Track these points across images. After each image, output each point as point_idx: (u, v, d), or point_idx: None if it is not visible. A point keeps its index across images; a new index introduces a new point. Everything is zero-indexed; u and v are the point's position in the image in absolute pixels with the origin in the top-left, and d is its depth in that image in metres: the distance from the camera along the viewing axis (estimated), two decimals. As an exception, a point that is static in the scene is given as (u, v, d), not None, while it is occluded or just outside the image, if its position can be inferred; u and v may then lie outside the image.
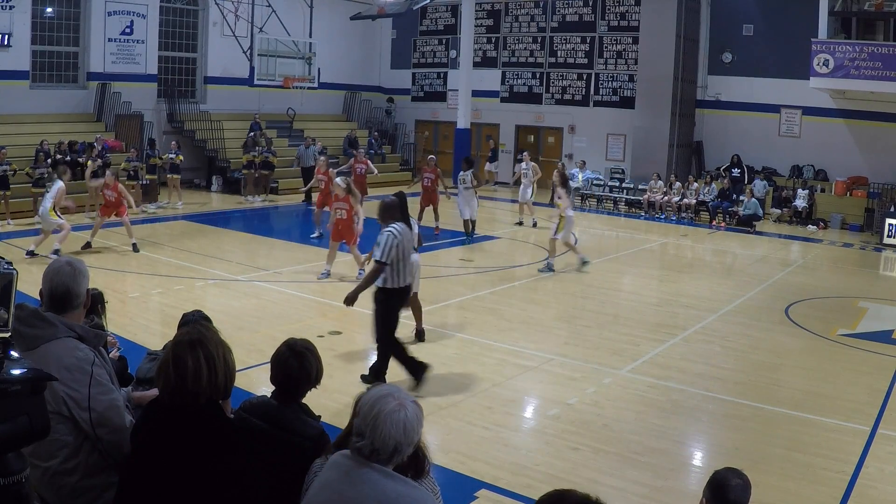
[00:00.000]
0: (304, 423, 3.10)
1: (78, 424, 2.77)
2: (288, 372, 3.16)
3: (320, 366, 3.24)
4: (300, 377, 3.16)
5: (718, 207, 18.71)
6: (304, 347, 3.24)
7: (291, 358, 3.17)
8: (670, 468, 5.77)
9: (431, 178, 14.90)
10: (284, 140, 22.74)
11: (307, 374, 3.16)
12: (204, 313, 4.29)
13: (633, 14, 22.27)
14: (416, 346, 8.15)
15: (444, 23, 26.28)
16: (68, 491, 2.81)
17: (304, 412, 3.17)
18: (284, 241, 14.90)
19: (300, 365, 3.16)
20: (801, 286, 12.30)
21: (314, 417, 3.21)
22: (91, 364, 2.80)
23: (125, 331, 7.93)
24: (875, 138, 18.72)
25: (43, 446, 2.64)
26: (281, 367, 3.18)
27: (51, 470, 2.77)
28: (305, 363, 3.17)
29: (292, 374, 3.15)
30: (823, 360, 8.55)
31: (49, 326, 2.77)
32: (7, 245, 12.46)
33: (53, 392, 2.67)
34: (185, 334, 2.73)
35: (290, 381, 3.16)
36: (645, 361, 8.18)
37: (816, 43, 17.20)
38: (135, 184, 16.49)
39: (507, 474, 5.47)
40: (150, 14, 20.36)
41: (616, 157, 22.78)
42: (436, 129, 26.68)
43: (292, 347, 3.22)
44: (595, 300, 10.98)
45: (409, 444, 2.31)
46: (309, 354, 3.20)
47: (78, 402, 2.75)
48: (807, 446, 6.17)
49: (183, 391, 2.57)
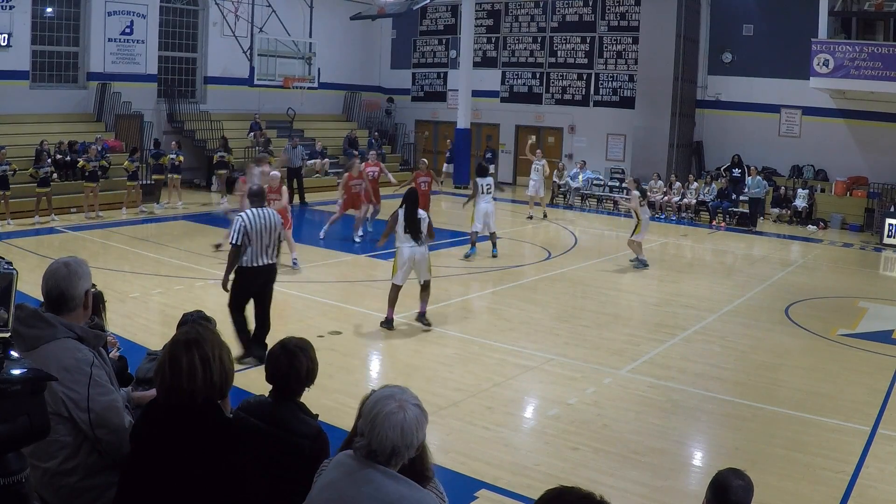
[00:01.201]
0: (300, 422, 3.10)
1: (77, 425, 2.76)
2: (279, 370, 3.16)
3: (312, 365, 3.23)
4: (290, 375, 3.16)
5: (718, 207, 18.71)
6: (297, 346, 3.24)
7: (282, 356, 3.19)
8: (670, 468, 5.77)
9: (427, 182, 14.91)
10: (284, 140, 22.73)
11: (297, 372, 3.16)
12: (204, 313, 4.29)
13: (633, 14, 22.27)
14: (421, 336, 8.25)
15: (444, 23, 26.28)
16: (68, 491, 2.80)
17: (301, 411, 3.17)
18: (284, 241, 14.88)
19: (290, 363, 3.16)
20: (801, 286, 12.30)
21: (312, 416, 3.20)
22: (90, 365, 2.80)
23: (125, 331, 7.93)
24: (875, 138, 18.72)
25: (42, 447, 2.63)
26: (272, 366, 3.20)
27: (50, 470, 2.77)
28: (296, 362, 3.17)
29: (283, 373, 3.16)
30: (823, 360, 8.55)
31: (48, 327, 2.76)
32: (7, 245, 12.45)
33: (52, 393, 2.66)
34: (183, 334, 2.74)
35: (282, 380, 3.17)
36: (645, 361, 8.18)
37: (816, 43, 17.20)
38: (135, 184, 16.49)
39: (507, 474, 5.47)
40: (150, 14, 20.35)
41: (616, 157, 22.79)
42: (436, 129, 26.68)
43: (285, 346, 3.23)
44: (595, 300, 10.98)
45: (407, 447, 2.30)
46: (300, 353, 3.20)
47: (77, 402, 2.74)
48: (807, 446, 6.17)
49: (178, 390, 2.57)
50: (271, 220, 7.45)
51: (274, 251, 7.57)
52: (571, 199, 21.18)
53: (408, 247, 8.69)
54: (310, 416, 3.18)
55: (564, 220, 18.66)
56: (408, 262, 8.71)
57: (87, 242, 13.51)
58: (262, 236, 7.36)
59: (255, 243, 7.32)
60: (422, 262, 8.78)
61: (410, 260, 8.70)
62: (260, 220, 7.36)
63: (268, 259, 7.50)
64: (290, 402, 3.17)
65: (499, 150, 24.81)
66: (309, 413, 3.20)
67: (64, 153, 16.44)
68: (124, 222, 15.47)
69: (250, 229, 7.28)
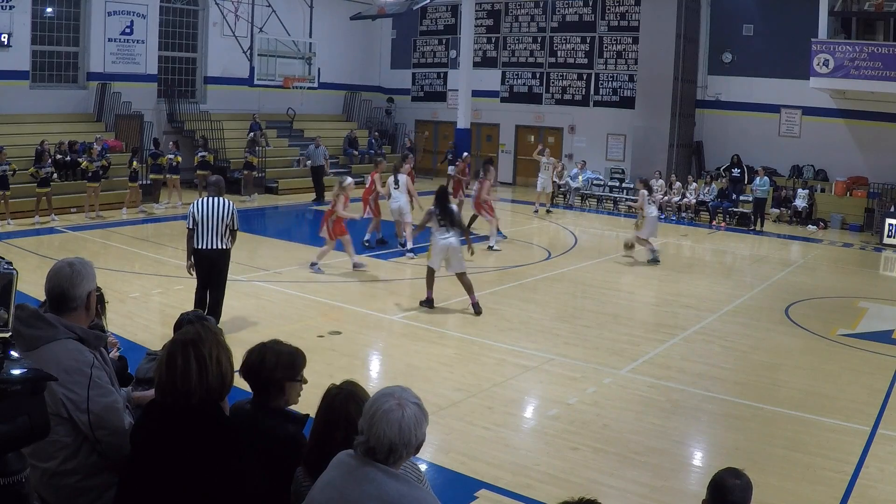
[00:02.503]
0: (275, 426, 2.99)
1: (76, 426, 2.76)
2: (249, 370, 3.08)
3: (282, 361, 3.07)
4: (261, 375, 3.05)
5: (718, 207, 18.71)
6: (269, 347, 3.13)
7: (254, 354, 3.09)
8: (670, 468, 5.77)
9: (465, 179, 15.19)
10: (285, 140, 22.75)
11: (269, 371, 3.04)
12: (202, 313, 4.27)
13: (633, 14, 22.27)
14: (474, 319, 9.48)
15: (444, 23, 26.28)
16: (68, 491, 2.80)
17: (281, 415, 3.06)
18: (285, 241, 14.89)
19: (261, 362, 3.06)
20: (801, 286, 12.30)
21: (301, 419, 3.09)
22: (90, 366, 2.79)
23: (125, 331, 7.94)
24: (875, 138, 18.72)
25: (42, 447, 2.62)
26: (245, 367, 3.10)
27: (50, 471, 2.77)
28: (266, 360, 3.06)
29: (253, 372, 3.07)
30: (823, 360, 8.55)
31: (49, 328, 2.76)
32: (7, 245, 12.45)
33: (52, 394, 2.65)
34: (182, 334, 2.73)
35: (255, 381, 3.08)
36: (645, 361, 8.18)
37: (816, 43, 17.20)
38: (135, 184, 16.49)
39: (507, 474, 5.47)
40: (150, 14, 20.35)
41: (616, 157, 22.79)
42: (436, 129, 26.68)
43: (260, 346, 3.14)
44: (595, 300, 10.98)
45: (405, 445, 2.30)
46: (269, 352, 3.08)
47: (76, 403, 2.74)
48: (807, 446, 6.17)
49: (173, 390, 2.56)
50: (219, 209, 8.23)
51: (223, 238, 8.27)
52: (571, 200, 21.18)
53: (441, 238, 9.54)
54: (297, 419, 3.07)
55: (564, 220, 18.67)
56: (441, 251, 9.55)
57: (88, 242, 13.51)
58: (209, 222, 8.19)
59: (198, 228, 8.20)
60: (455, 252, 9.55)
61: (444, 249, 9.52)
62: (206, 207, 8.22)
63: (218, 244, 8.25)
64: (269, 406, 3.06)
65: (499, 150, 24.81)
66: (296, 416, 3.09)
67: (64, 153, 16.44)
68: (124, 222, 15.47)
69: (197, 215, 8.20)
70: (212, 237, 8.20)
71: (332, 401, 2.81)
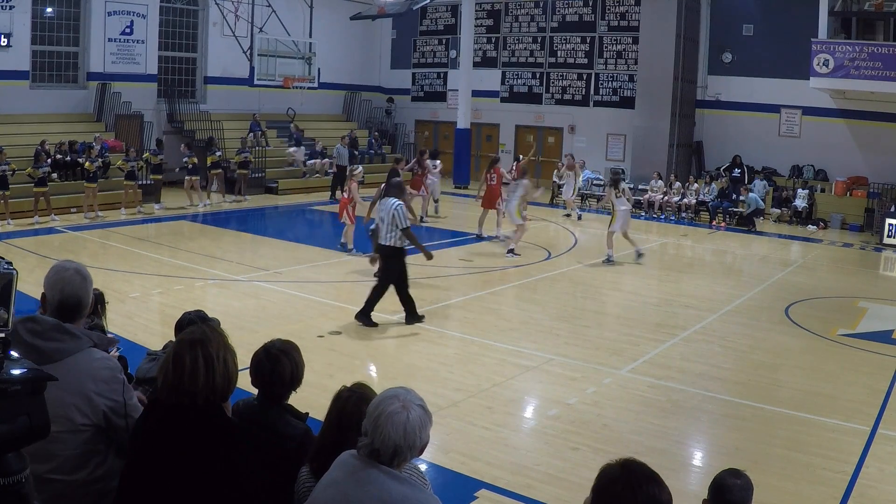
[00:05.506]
0: (286, 424, 3.05)
1: (112, 433, 2.78)
2: (262, 375, 3.11)
3: (296, 369, 3.14)
4: (274, 381, 3.10)
5: (718, 207, 18.70)
6: (281, 350, 3.16)
7: (265, 361, 3.12)
8: (670, 468, 5.76)
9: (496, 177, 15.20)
10: (284, 140, 22.73)
11: (280, 377, 3.09)
12: (204, 313, 4.25)
13: (633, 14, 22.27)
14: None
15: (444, 23, 26.27)
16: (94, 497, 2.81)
17: (288, 412, 3.11)
18: (285, 241, 14.89)
19: (272, 368, 3.10)
20: (801, 286, 12.30)
21: (301, 416, 3.14)
22: (120, 371, 2.84)
23: (125, 331, 7.93)
24: (875, 138, 18.72)
25: (77, 458, 2.67)
26: (255, 370, 3.14)
27: (79, 481, 2.76)
28: (278, 367, 3.10)
29: (266, 378, 3.10)
30: (823, 360, 8.55)
31: (73, 339, 2.74)
32: (7, 245, 12.45)
33: (94, 406, 2.68)
34: (189, 333, 2.73)
35: (266, 384, 3.11)
36: (645, 361, 8.18)
37: (816, 43, 17.19)
38: (133, 184, 16.48)
39: (507, 474, 5.47)
40: (150, 14, 20.34)
41: (616, 157, 22.77)
42: (436, 129, 26.67)
43: (268, 350, 3.16)
44: (595, 300, 10.98)
45: (409, 448, 2.29)
46: (284, 357, 3.13)
47: (116, 411, 2.77)
48: (807, 446, 6.17)
49: (179, 389, 2.57)
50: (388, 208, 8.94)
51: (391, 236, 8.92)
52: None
53: None
54: (297, 417, 3.13)
55: (564, 220, 18.66)
56: None
57: (87, 242, 13.52)
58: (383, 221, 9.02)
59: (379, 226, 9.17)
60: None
61: None
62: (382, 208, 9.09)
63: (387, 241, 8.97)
64: (277, 405, 3.11)
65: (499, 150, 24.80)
66: (296, 413, 3.15)
67: (64, 153, 16.44)
68: (124, 222, 15.47)
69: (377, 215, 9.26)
70: (383, 234, 8.96)
71: (345, 404, 2.82)
